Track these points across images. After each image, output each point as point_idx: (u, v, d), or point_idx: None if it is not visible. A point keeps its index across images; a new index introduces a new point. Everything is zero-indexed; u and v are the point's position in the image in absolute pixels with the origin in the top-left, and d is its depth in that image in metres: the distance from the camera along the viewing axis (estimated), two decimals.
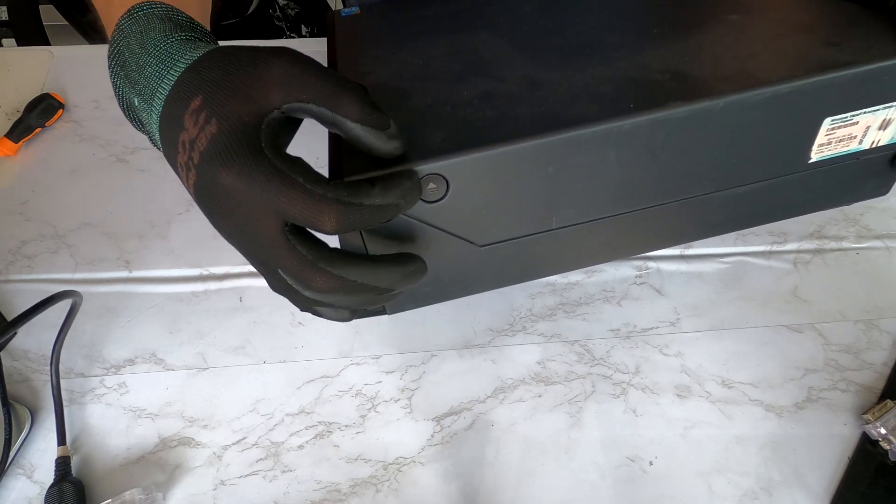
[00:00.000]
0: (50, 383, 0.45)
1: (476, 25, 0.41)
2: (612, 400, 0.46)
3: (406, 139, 0.28)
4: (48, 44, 0.97)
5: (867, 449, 0.44)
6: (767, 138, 0.35)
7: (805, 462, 0.44)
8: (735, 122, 0.33)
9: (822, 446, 0.44)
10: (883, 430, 0.43)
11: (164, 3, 0.32)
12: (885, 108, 0.35)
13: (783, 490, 0.42)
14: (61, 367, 0.46)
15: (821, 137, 0.36)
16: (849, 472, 0.43)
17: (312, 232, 0.27)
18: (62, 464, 0.42)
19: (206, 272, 0.52)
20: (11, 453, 0.43)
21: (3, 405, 0.43)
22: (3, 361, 0.45)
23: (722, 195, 0.37)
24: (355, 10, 0.48)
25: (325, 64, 0.28)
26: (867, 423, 0.44)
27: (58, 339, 0.46)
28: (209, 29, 0.34)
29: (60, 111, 0.61)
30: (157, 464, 0.44)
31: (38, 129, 0.60)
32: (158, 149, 0.31)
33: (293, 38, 1.11)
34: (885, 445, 0.43)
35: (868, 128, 0.36)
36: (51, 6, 1.03)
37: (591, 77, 0.34)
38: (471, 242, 0.35)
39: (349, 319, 0.31)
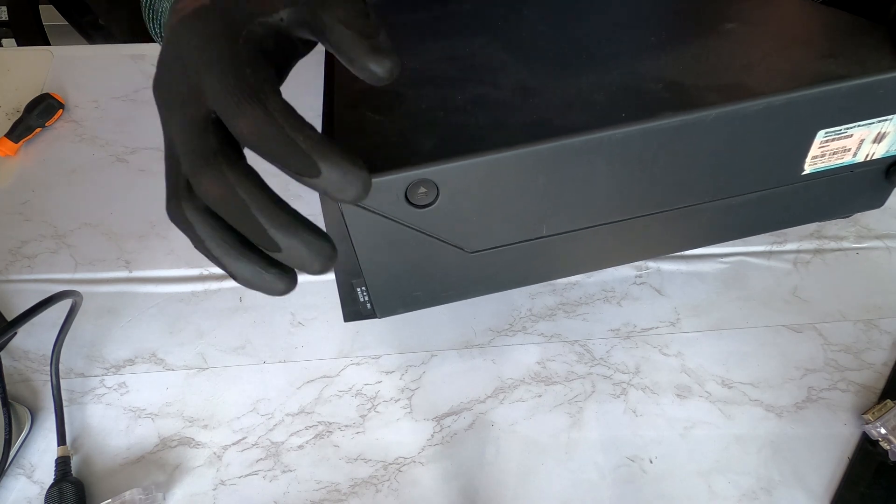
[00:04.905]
0: (50, 383, 0.45)
1: (475, 28, 0.41)
2: (612, 400, 0.46)
3: (399, 65, 0.24)
4: (48, 44, 0.97)
5: (867, 449, 0.44)
6: (760, 150, 0.35)
7: (805, 462, 0.44)
8: (727, 133, 0.33)
9: (822, 446, 0.44)
10: (883, 430, 0.43)
11: None
12: (879, 121, 0.35)
13: (783, 490, 0.42)
14: (61, 367, 0.46)
15: (814, 150, 0.35)
16: (849, 472, 0.43)
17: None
18: (62, 464, 0.42)
19: (206, 272, 0.52)
20: (11, 453, 0.43)
21: (3, 405, 0.43)
22: (3, 361, 0.45)
23: (714, 205, 0.37)
24: None
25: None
26: (867, 423, 0.44)
27: (58, 339, 0.46)
28: None
29: (60, 111, 0.61)
30: (157, 464, 0.44)
31: (38, 129, 0.60)
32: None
33: None
34: (885, 445, 0.43)
35: (862, 141, 0.35)
36: (51, 6, 1.03)
37: (586, 85, 0.34)
38: (461, 248, 0.35)
39: (254, 286, 0.24)
